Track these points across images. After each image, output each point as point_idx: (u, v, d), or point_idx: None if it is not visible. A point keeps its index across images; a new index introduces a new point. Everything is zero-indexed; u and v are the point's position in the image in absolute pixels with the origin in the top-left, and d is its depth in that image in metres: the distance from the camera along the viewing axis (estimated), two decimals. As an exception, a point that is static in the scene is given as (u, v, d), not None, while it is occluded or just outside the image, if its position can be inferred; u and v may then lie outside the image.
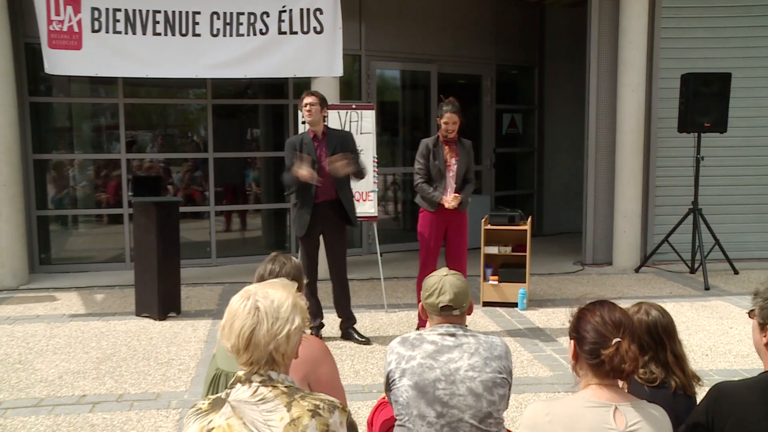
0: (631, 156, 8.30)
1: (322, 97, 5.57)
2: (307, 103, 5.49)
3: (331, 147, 5.51)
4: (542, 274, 8.13)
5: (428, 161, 5.75)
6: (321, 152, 5.52)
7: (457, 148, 5.78)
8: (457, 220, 5.79)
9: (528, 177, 11.48)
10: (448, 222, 5.78)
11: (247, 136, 9.44)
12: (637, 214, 8.40)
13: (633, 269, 8.29)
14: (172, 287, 6.36)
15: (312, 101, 5.48)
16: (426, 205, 5.79)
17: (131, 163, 8.61)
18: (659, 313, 2.59)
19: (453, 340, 2.57)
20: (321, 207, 5.50)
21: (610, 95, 8.52)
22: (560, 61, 10.92)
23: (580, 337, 2.07)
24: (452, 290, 2.61)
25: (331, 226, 5.58)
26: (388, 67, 9.64)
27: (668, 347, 2.55)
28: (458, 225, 5.81)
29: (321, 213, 5.50)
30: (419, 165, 5.78)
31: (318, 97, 5.52)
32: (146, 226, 6.24)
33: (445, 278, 2.65)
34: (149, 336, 5.82)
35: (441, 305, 2.60)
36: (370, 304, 6.82)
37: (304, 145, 5.50)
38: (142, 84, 8.59)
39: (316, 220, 5.50)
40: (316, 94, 5.56)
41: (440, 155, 5.73)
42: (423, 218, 5.83)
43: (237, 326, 1.79)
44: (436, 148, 5.75)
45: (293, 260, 2.82)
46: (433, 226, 5.77)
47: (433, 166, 5.73)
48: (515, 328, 6.05)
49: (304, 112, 5.51)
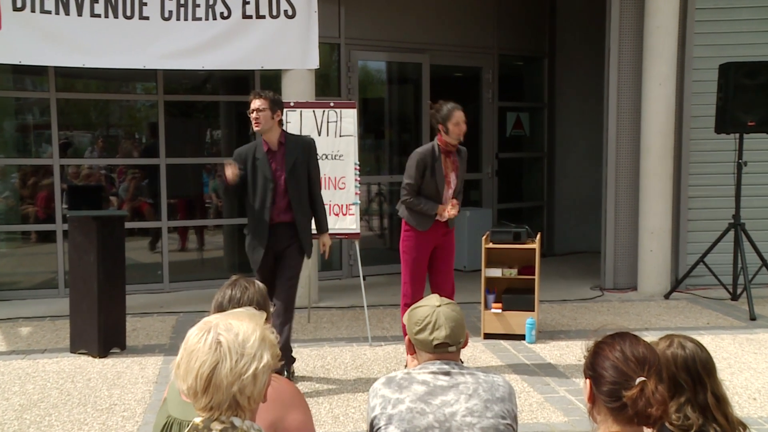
0: (658, 162, 8.36)
1: (274, 98, 5.40)
2: (254, 108, 5.32)
3: (291, 160, 5.41)
4: (554, 300, 8.17)
5: (424, 178, 5.72)
6: (277, 168, 5.41)
7: (456, 159, 5.83)
8: (446, 239, 5.87)
9: (536, 187, 11.54)
10: (436, 242, 5.83)
11: (206, 138, 9.44)
12: (667, 230, 8.45)
13: (662, 295, 8.33)
14: (115, 318, 6.32)
15: (259, 105, 5.31)
16: (414, 222, 5.80)
17: (66, 169, 8.58)
18: (696, 347, 2.56)
19: (447, 380, 2.58)
20: (273, 229, 5.43)
21: (634, 90, 8.59)
22: (574, 49, 11.01)
23: (597, 375, 2.07)
24: (448, 324, 2.62)
25: (285, 250, 5.47)
26: (372, 57, 9.69)
27: (708, 387, 2.52)
28: (448, 243, 5.88)
29: (276, 236, 5.44)
30: (410, 180, 5.72)
31: (268, 99, 5.34)
32: (84, 246, 6.21)
33: (438, 310, 2.66)
34: (87, 377, 5.77)
35: (436, 343, 2.61)
36: (352, 337, 6.80)
37: (257, 160, 5.39)
38: (78, 75, 8.57)
39: (270, 243, 5.43)
40: (264, 95, 5.36)
41: (439, 170, 5.73)
42: (409, 237, 5.84)
43: (195, 364, 1.79)
44: (436, 161, 5.73)
45: (257, 285, 2.82)
46: (421, 246, 5.80)
47: (429, 183, 5.71)
48: (522, 364, 6.06)
49: (251, 119, 5.36)
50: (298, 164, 5.44)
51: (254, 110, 5.33)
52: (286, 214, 5.45)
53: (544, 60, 11.24)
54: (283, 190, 5.41)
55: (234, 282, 2.81)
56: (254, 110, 5.33)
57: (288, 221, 5.46)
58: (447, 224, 5.83)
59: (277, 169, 5.41)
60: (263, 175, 5.39)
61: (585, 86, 10.81)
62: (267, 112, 5.33)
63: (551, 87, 11.28)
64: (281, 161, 5.41)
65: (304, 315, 7.30)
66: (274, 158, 5.42)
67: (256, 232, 5.46)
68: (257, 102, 5.34)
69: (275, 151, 5.43)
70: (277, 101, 5.44)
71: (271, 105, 5.35)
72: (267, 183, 5.38)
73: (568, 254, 11.02)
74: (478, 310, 6.91)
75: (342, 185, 6.83)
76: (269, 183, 5.38)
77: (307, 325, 7.16)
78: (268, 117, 5.34)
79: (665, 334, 2.67)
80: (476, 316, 6.93)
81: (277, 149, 5.43)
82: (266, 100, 5.34)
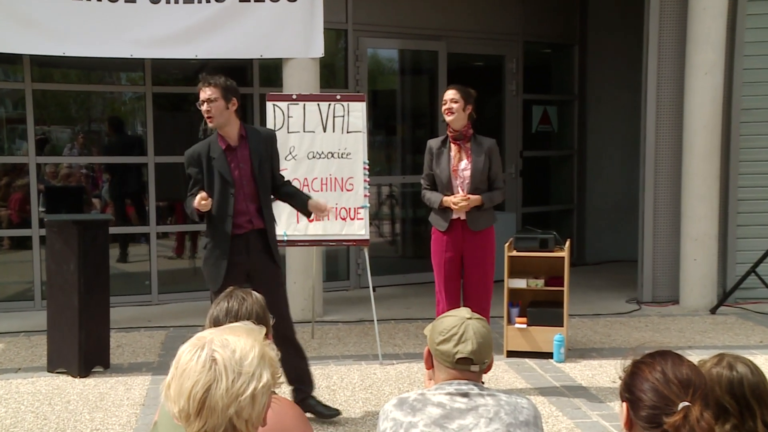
0: (703, 161, 8.32)
1: (226, 84, 5.03)
2: (203, 99, 4.97)
3: (257, 157, 5.13)
4: (585, 315, 8.15)
5: (431, 168, 5.87)
6: (236, 167, 5.11)
7: (471, 149, 5.84)
8: (475, 242, 5.83)
9: (565, 188, 11.54)
10: (464, 244, 5.82)
11: (199, 134, 9.44)
12: (713, 236, 8.41)
13: (707, 309, 8.29)
14: (98, 333, 6.33)
15: (210, 95, 4.96)
16: (435, 222, 5.89)
17: (43, 168, 8.61)
18: (747, 369, 2.54)
19: (466, 402, 2.58)
20: (241, 240, 5.14)
21: (676, 80, 8.55)
22: (609, 35, 10.98)
23: (634, 398, 2.07)
24: (476, 339, 2.63)
25: (260, 264, 5.20)
26: (383, 45, 9.70)
27: (758, 414, 2.50)
28: (477, 249, 5.83)
29: (242, 249, 5.14)
30: (424, 172, 5.93)
31: (219, 86, 4.97)
32: (63, 253, 6.23)
33: (468, 322, 2.67)
34: (66, 399, 5.78)
35: (459, 356, 2.62)
36: (360, 354, 6.81)
37: (212, 159, 5.07)
38: (56, 64, 8.61)
39: (236, 259, 5.13)
40: (214, 82, 4.99)
41: (443, 158, 5.80)
42: (434, 240, 5.91)
43: (187, 385, 1.79)
44: (441, 150, 5.82)
45: (255, 296, 2.83)
46: (443, 249, 5.82)
47: (437, 174, 5.82)
48: (550, 385, 6.05)
49: (203, 112, 5.03)
50: (264, 161, 5.16)
51: (204, 101, 4.98)
52: (255, 220, 5.17)
53: (575, 47, 11.23)
54: (250, 193, 5.13)
55: (230, 293, 2.82)
56: (204, 101, 4.98)
57: (258, 228, 5.18)
58: (467, 224, 5.81)
59: (237, 168, 5.11)
60: (221, 178, 5.06)
61: (620, 76, 10.78)
62: (220, 102, 4.97)
63: (582, 77, 11.26)
64: (245, 158, 5.11)
65: (308, 330, 7.31)
66: (234, 156, 5.11)
67: (215, 245, 5.16)
68: (207, 91, 4.97)
69: (235, 147, 5.11)
70: (231, 88, 5.04)
71: (224, 93, 4.97)
72: (226, 187, 5.06)
73: (600, 263, 10.98)
74: (501, 325, 6.90)
75: (349, 187, 6.83)
76: (229, 187, 5.06)
77: (311, 341, 7.16)
78: (221, 108, 4.98)
79: (712, 353, 2.66)
80: (498, 331, 6.92)
81: (237, 145, 5.12)
82: (217, 88, 4.96)
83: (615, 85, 10.95)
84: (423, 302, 8.37)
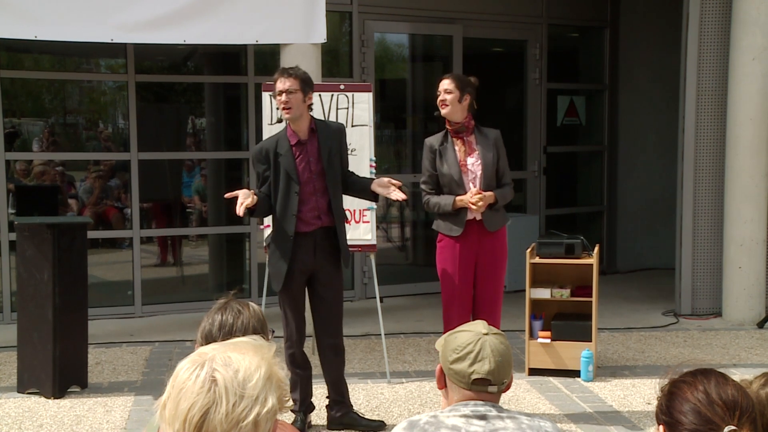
0: (750, 156, 8.30)
1: (304, 76, 5.35)
2: (281, 90, 5.27)
3: (325, 152, 5.40)
4: (616, 329, 8.16)
5: (435, 168, 5.83)
6: (305, 163, 5.38)
7: (476, 141, 5.85)
8: (491, 245, 5.85)
9: (594, 188, 11.54)
10: (479, 248, 5.83)
11: (187, 128, 9.49)
12: (761, 241, 8.40)
13: (754, 323, 8.29)
14: (74, 349, 6.34)
15: (289, 86, 5.25)
16: (444, 228, 5.85)
17: (13, 165, 8.63)
18: None
19: (483, 425, 2.59)
20: (308, 239, 5.41)
21: (719, 67, 8.54)
22: (643, 17, 11.00)
23: (673, 421, 2.07)
24: (494, 358, 2.64)
25: (325, 270, 5.49)
26: (392, 29, 9.72)
27: None
28: (494, 251, 5.86)
29: (309, 248, 5.41)
30: (424, 176, 5.89)
31: (298, 78, 5.28)
32: (36, 260, 6.24)
33: (485, 339, 2.68)
34: (38, 422, 5.78)
35: (475, 377, 2.63)
36: (366, 372, 6.82)
37: (280, 156, 5.34)
38: (28, 50, 8.64)
39: (299, 257, 5.40)
40: (294, 73, 5.31)
41: (449, 155, 5.80)
42: (443, 249, 5.88)
43: (183, 406, 1.79)
44: (443, 146, 5.82)
45: (252, 308, 2.83)
46: (458, 257, 5.81)
47: (443, 173, 5.79)
48: (577, 408, 6.04)
49: (279, 104, 5.35)
50: (333, 154, 5.43)
51: (282, 92, 5.26)
52: (324, 217, 5.42)
53: (605, 30, 11.22)
54: (319, 188, 5.39)
55: (224, 305, 2.82)
56: (282, 92, 5.26)
57: (326, 226, 5.44)
58: (484, 225, 5.82)
59: (306, 163, 5.38)
60: (286, 176, 5.33)
61: (656, 63, 10.80)
62: (298, 95, 5.27)
63: (613, 64, 11.25)
64: (314, 153, 5.39)
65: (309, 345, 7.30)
66: (304, 150, 5.39)
67: (277, 245, 5.44)
68: (286, 82, 5.27)
69: (305, 141, 5.39)
70: (309, 80, 5.39)
71: (302, 85, 5.28)
72: (291, 185, 5.33)
73: (633, 271, 10.99)
74: (522, 339, 6.91)
75: (354, 186, 6.86)
76: (294, 185, 5.33)
77: (312, 358, 7.16)
78: (299, 100, 5.28)
79: (759, 371, 2.66)
80: (519, 347, 6.93)
81: (307, 139, 5.39)
82: (297, 80, 5.27)
83: (650, 73, 10.95)
84: (435, 314, 8.32)
